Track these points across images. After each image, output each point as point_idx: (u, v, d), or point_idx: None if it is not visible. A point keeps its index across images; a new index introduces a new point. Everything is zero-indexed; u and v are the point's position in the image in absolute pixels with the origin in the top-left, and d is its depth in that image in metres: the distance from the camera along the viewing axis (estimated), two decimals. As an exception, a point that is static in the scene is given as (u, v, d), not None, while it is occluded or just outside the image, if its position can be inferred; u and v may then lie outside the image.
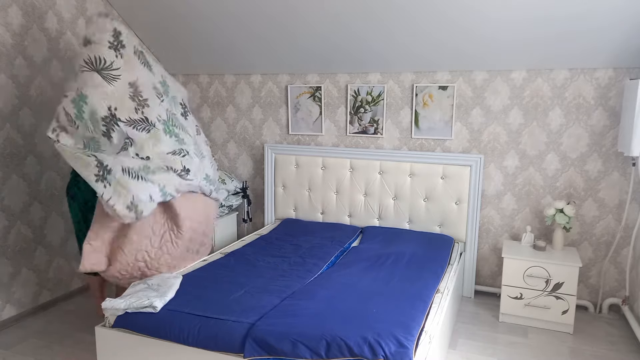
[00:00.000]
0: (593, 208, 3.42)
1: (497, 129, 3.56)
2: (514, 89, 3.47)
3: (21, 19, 3.16)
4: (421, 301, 2.47)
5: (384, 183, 3.77)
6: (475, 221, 3.58)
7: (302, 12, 3.37)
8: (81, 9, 3.58)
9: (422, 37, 3.33)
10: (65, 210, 3.58)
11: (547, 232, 3.54)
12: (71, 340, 3.06)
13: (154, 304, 2.34)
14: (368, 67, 3.78)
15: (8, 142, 3.15)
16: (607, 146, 3.33)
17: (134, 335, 2.34)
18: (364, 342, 2.04)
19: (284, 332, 2.13)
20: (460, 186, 3.57)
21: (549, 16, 2.94)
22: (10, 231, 3.22)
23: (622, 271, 3.40)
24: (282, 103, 4.18)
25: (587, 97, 3.32)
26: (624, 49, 3.07)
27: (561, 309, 3.15)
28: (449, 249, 3.36)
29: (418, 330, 2.18)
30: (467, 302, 3.63)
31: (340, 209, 3.94)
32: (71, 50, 3.53)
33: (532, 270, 3.18)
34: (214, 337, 2.19)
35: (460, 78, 3.60)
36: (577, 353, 2.95)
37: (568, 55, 3.21)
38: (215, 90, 4.40)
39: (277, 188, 4.13)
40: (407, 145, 3.83)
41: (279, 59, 3.93)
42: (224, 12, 3.55)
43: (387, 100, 3.82)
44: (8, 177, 3.17)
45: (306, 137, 4.15)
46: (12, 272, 3.24)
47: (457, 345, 3.01)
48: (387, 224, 3.81)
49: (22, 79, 3.21)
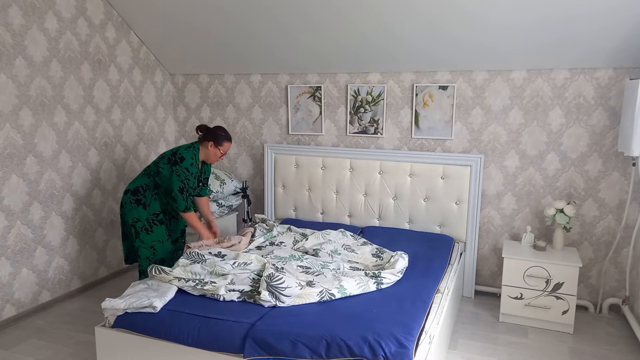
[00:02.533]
0: (593, 208, 3.42)
1: (497, 129, 3.56)
2: (514, 89, 3.47)
3: (21, 19, 3.16)
4: (421, 301, 2.46)
5: (384, 183, 3.77)
6: (476, 221, 3.58)
7: (302, 11, 3.37)
8: (81, 9, 3.58)
9: (422, 37, 3.32)
10: (65, 210, 3.58)
11: (547, 232, 3.54)
12: (71, 340, 3.05)
13: (154, 304, 2.33)
14: (368, 67, 3.77)
15: (8, 142, 3.15)
16: (607, 146, 3.32)
17: (134, 335, 2.33)
18: (364, 342, 2.04)
19: (284, 332, 2.13)
20: (460, 186, 3.56)
21: (549, 16, 2.94)
22: (10, 231, 3.21)
23: (622, 271, 3.40)
24: (282, 103, 4.18)
25: (587, 97, 3.32)
26: (624, 49, 3.07)
27: (561, 309, 3.15)
28: (449, 249, 3.35)
29: (418, 331, 2.17)
30: (467, 302, 3.63)
31: (340, 209, 3.94)
32: (71, 50, 3.53)
33: (532, 270, 3.18)
34: (214, 337, 2.19)
35: (460, 78, 3.59)
36: (577, 353, 2.95)
37: (568, 55, 3.21)
38: (215, 90, 4.40)
39: (277, 188, 4.13)
40: (407, 145, 3.83)
41: (279, 59, 3.93)
42: (224, 12, 3.55)
43: (387, 100, 3.82)
44: (8, 177, 3.17)
45: (306, 137, 4.15)
46: (12, 272, 3.24)
47: (457, 345, 3.01)
48: (387, 224, 3.81)
49: (22, 79, 3.21)
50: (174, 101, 4.60)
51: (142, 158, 4.30)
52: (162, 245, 3.12)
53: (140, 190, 3.10)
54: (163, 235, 3.13)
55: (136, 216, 3.08)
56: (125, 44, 4.01)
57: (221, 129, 3.14)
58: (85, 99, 3.68)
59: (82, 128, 3.68)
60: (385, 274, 2.68)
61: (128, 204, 3.10)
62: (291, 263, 2.77)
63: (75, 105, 3.61)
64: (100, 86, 3.81)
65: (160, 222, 3.11)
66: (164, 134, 4.54)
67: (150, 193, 3.10)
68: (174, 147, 3.13)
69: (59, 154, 3.51)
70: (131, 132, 4.15)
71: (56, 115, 3.46)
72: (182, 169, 3.01)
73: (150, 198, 3.09)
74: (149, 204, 3.09)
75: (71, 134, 3.59)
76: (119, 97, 4.00)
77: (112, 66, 3.90)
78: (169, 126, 4.60)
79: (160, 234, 3.11)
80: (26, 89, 3.24)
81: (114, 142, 3.98)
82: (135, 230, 3.09)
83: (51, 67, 3.39)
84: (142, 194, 3.09)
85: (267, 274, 2.48)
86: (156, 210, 3.10)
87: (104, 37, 3.80)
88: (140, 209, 3.07)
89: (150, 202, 3.09)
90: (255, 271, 2.70)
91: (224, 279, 2.58)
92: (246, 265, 2.73)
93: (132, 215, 3.09)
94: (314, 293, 2.44)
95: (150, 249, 3.08)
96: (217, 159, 3.15)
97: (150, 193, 3.10)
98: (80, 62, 3.62)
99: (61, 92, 3.48)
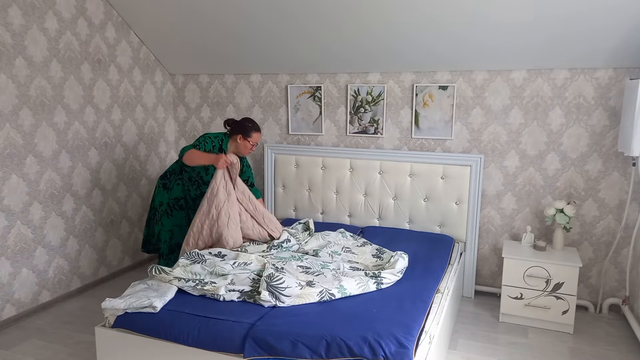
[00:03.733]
0: (593, 208, 3.41)
1: (497, 129, 3.56)
2: (514, 88, 3.47)
3: (21, 19, 3.16)
4: (421, 301, 2.46)
5: (384, 183, 3.77)
6: (476, 221, 3.58)
7: (303, 11, 3.37)
8: (81, 9, 3.58)
9: (424, 35, 3.32)
10: (65, 210, 3.58)
11: (547, 232, 3.54)
12: (71, 340, 3.05)
13: (153, 304, 2.33)
14: (369, 66, 3.77)
15: (8, 142, 3.15)
16: (607, 146, 3.32)
17: (134, 335, 2.33)
18: (364, 342, 2.04)
19: (284, 332, 2.13)
20: (460, 186, 3.56)
21: (549, 16, 2.94)
22: (10, 231, 3.21)
23: (622, 271, 3.40)
24: (282, 103, 4.18)
25: (587, 97, 3.32)
26: (624, 49, 3.07)
27: (561, 309, 3.15)
28: (449, 249, 3.35)
29: (418, 331, 2.17)
30: (467, 302, 3.63)
31: (340, 209, 3.94)
32: (71, 50, 3.53)
33: (532, 270, 3.18)
34: (214, 337, 2.19)
35: (460, 78, 3.59)
36: (577, 353, 2.94)
37: (568, 55, 3.21)
38: (215, 90, 4.40)
39: (277, 188, 4.13)
40: (407, 145, 3.83)
41: (279, 59, 3.93)
42: (224, 12, 3.55)
43: (387, 100, 3.82)
44: (8, 177, 3.17)
45: (306, 137, 4.15)
46: (12, 272, 3.24)
47: (457, 345, 3.01)
48: (387, 224, 3.81)
49: (22, 79, 3.21)
50: (174, 101, 4.60)
51: (142, 158, 4.30)
52: (180, 231, 3.23)
53: (168, 174, 3.24)
54: (182, 221, 3.23)
55: (161, 199, 3.21)
56: (125, 44, 4.01)
57: (248, 120, 3.15)
58: (85, 99, 3.68)
59: (82, 128, 3.68)
60: (385, 274, 2.68)
61: (158, 187, 3.25)
62: (291, 263, 2.77)
63: (75, 105, 3.61)
64: (100, 86, 3.81)
65: (180, 207, 3.23)
66: (164, 134, 4.54)
67: (175, 177, 3.22)
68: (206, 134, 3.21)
69: (59, 154, 3.51)
70: (131, 132, 4.16)
71: (56, 115, 3.46)
72: (202, 137, 3.11)
73: (173, 182, 3.21)
74: (172, 187, 3.21)
75: (71, 134, 3.59)
76: (119, 97, 4.00)
77: (112, 66, 3.90)
78: (169, 126, 4.60)
79: (179, 218, 3.23)
80: (26, 89, 3.24)
81: (114, 142, 3.98)
82: (159, 213, 3.20)
83: (51, 67, 3.39)
84: (169, 177, 3.23)
85: (267, 274, 2.48)
86: (177, 195, 3.21)
87: (104, 37, 3.80)
88: (164, 192, 3.21)
89: (173, 186, 3.21)
90: (255, 271, 2.70)
91: (224, 279, 2.58)
92: (246, 265, 2.73)
93: (158, 198, 3.22)
94: (314, 293, 2.44)
95: (169, 232, 3.19)
96: (249, 151, 3.18)
97: (175, 177, 3.22)
98: (80, 62, 3.62)
99: (61, 92, 3.48)
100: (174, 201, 3.20)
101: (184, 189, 3.22)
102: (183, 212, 3.21)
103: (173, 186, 3.20)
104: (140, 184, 4.30)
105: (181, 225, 3.23)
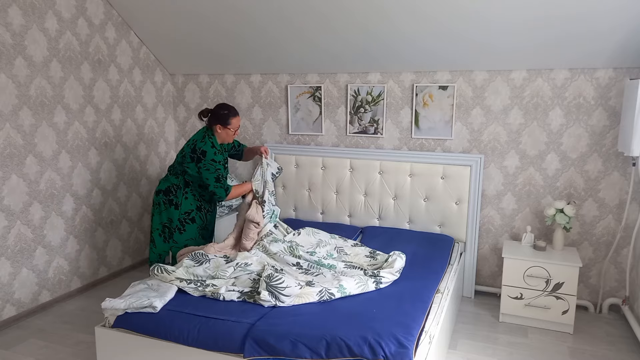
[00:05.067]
0: (593, 208, 3.42)
1: (497, 129, 3.56)
2: (514, 89, 3.47)
3: (21, 19, 3.16)
4: (421, 301, 2.46)
5: (384, 183, 3.77)
6: (476, 221, 3.58)
7: (303, 12, 3.37)
8: (81, 9, 3.58)
9: (424, 34, 3.32)
10: (65, 210, 3.58)
11: (547, 232, 3.54)
12: (71, 340, 3.05)
13: (153, 304, 2.34)
14: (369, 66, 3.77)
15: (8, 142, 3.15)
16: (607, 146, 3.32)
17: (134, 335, 2.33)
18: (364, 342, 2.04)
19: (284, 332, 2.13)
20: (460, 186, 3.56)
21: (549, 17, 2.94)
22: (10, 231, 3.21)
23: (622, 271, 3.40)
24: (282, 103, 4.18)
25: (587, 97, 3.32)
26: (624, 49, 3.07)
27: (561, 309, 3.15)
28: (449, 249, 3.35)
29: (418, 331, 2.17)
30: (467, 302, 3.63)
31: (340, 209, 3.94)
32: (71, 50, 3.53)
33: (532, 270, 3.18)
34: (214, 337, 2.19)
35: (460, 78, 3.59)
36: (577, 353, 2.95)
37: (568, 55, 3.21)
38: (215, 90, 4.40)
39: (277, 188, 4.13)
40: (407, 145, 3.83)
41: (279, 59, 3.93)
42: (224, 12, 3.55)
43: (387, 100, 3.82)
44: (8, 177, 3.17)
45: (306, 137, 4.15)
46: (12, 272, 3.24)
47: (457, 345, 3.01)
48: (387, 224, 3.81)
49: (22, 79, 3.21)
50: (174, 101, 4.60)
51: (142, 158, 4.30)
52: (194, 242, 3.14)
53: (172, 190, 3.08)
54: (195, 234, 3.14)
55: (170, 217, 3.08)
56: (125, 44, 4.01)
57: (223, 107, 3.03)
58: (85, 99, 3.68)
59: (82, 128, 3.68)
60: (384, 273, 2.68)
61: (162, 204, 3.09)
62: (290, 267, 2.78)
63: (75, 105, 3.61)
64: (100, 86, 3.81)
65: (192, 220, 3.11)
66: (164, 134, 4.54)
67: (181, 192, 3.08)
68: (189, 142, 3.05)
69: (59, 154, 3.51)
70: (131, 132, 4.16)
71: (56, 115, 3.46)
72: (209, 163, 2.96)
73: (181, 197, 3.07)
74: (181, 203, 3.07)
75: (71, 134, 3.59)
76: (119, 97, 4.00)
77: (112, 66, 3.90)
78: (169, 126, 4.60)
79: (192, 232, 3.12)
80: (26, 89, 3.24)
81: (114, 142, 3.98)
82: (169, 231, 3.09)
83: (51, 67, 3.39)
84: (174, 194, 3.07)
85: (266, 274, 2.49)
86: (187, 209, 3.09)
87: (104, 37, 3.80)
88: (172, 210, 3.07)
89: (181, 202, 3.07)
90: (255, 272, 2.70)
91: (225, 281, 2.58)
92: (247, 265, 2.74)
93: (166, 216, 3.09)
94: (314, 293, 2.44)
95: (183, 247, 3.08)
96: (232, 137, 3.11)
97: (181, 192, 3.08)
98: (80, 62, 3.62)
99: (61, 92, 3.48)
100: (184, 216, 3.08)
101: (196, 199, 3.10)
102: (195, 224, 3.13)
103: (181, 201, 3.07)
104: (140, 184, 4.30)
105: (195, 238, 3.14)
